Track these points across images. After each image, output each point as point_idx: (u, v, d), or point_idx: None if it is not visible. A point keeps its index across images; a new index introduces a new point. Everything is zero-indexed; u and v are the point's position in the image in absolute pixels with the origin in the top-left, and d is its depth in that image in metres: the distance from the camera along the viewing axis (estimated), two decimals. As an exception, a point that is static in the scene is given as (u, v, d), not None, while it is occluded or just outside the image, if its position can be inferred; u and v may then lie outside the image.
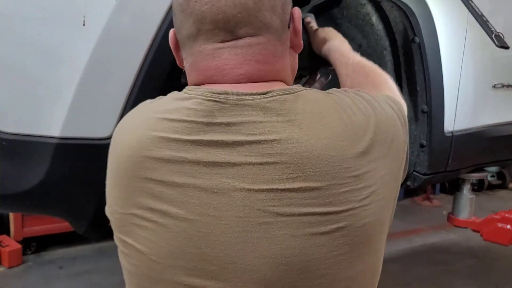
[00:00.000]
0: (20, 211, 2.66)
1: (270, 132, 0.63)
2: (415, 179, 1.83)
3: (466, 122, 1.86)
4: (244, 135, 0.63)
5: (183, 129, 0.64)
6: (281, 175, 0.61)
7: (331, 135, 0.64)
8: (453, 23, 1.75)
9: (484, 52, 1.88)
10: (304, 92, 0.67)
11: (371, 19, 1.70)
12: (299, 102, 0.66)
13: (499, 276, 3.50)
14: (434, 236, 4.36)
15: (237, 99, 0.64)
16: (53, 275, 3.31)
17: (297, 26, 0.74)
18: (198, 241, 0.62)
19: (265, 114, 0.64)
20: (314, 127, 0.64)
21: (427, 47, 1.65)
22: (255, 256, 0.61)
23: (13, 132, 1.08)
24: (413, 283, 3.34)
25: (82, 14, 1.04)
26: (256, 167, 0.62)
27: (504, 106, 2.05)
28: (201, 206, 0.62)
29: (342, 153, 0.63)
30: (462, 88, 1.80)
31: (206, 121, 0.64)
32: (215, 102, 0.64)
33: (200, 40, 0.68)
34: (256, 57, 0.68)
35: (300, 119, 0.64)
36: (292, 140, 0.62)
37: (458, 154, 1.86)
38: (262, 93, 0.65)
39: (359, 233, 0.64)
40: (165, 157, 0.64)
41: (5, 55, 1.07)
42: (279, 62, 0.71)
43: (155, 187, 0.64)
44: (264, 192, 0.61)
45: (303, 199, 0.61)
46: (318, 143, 0.63)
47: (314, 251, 0.62)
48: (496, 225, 2.39)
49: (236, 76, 0.67)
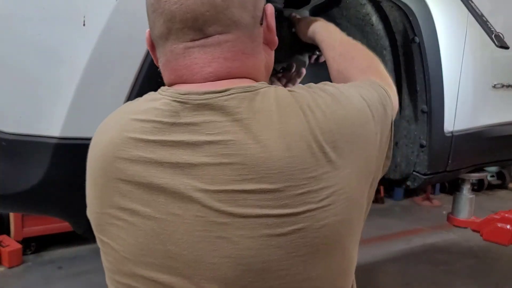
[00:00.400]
0: (20, 211, 2.66)
1: (227, 132, 0.63)
2: (415, 179, 1.83)
3: (466, 122, 1.86)
4: (204, 135, 0.63)
5: (151, 129, 0.65)
6: (236, 176, 0.62)
7: (288, 135, 0.63)
8: (453, 23, 1.75)
9: (484, 52, 1.88)
10: (265, 89, 0.67)
11: (371, 19, 1.70)
12: (258, 100, 0.65)
13: (499, 276, 3.50)
14: (434, 236, 4.36)
15: (198, 98, 0.65)
16: (53, 275, 3.31)
17: (270, 23, 0.73)
18: (164, 239, 0.63)
19: (223, 113, 0.64)
20: (271, 127, 0.63)
21: (427, 47, 1.65)
22: (215, 255, 0.62)
23: (13, 132, 1.08)
24: (413, 283, 3.34)
25: (82, 14, 1.04)
26: (212, 167, 0.62)
27: (504, 106, 2.05)
28: (166, 205, 0.64)
29: (298, 153, 0.62)
30: (462, 88, 1.80)
31: (171, 122, 0.65)
32: (180, 103, 0.65)
33: (171, 40, 0.68)
34: (224, 54, 0.67)
35: (257, 118, 0.63)
36: (247, 141, 0.62)
37: (458, 154, 1.86)
38: (221, 91, 0.65)
39: (318, 234, 0.63)
40: (133, 158, 0.65)
41: (5, 55, 1.07)
42: (250, 59, 0.70)
43: (124, 186, 0.66)
44: (220, 193, 0.62)
45: (258, 200, 0.61)
46: (274, 143, 0.62)
47: (271, 252, 0.62)
48: (496, 225, 2.39)
49: (205, 75, 0.68)
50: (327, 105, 0.67)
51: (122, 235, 0.67)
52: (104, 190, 0.68)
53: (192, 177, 0.63)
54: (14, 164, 1.10)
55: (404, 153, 1.83)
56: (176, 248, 0.63)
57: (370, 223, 4.99)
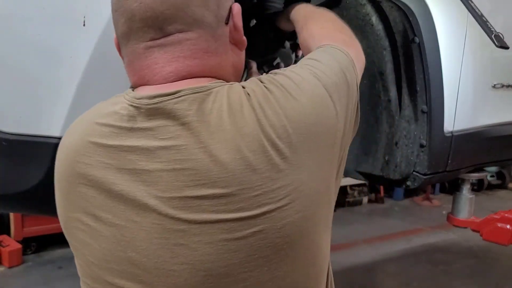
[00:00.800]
0: (20, 211, 2.66)
1: (179, 137, 0.62)
2: (415, 179, 1.83)
3: (466, 122, 1.86)
4: (158, 140, 0.62)
5: (109, 134, 0.65)
6: (189, 182, 0.60)
7: (239, 136, 0.61)
8: (453, 23, 1.75)
9: (484, 52, 1.88)
10: (218, 89, 0.65)
11: (371, 19, 1.70)
12: (209, 101, 0.63)
13: (499, 276, 3.50)
14: (434, 236, 4.36)
15: (149, 103, 0.64)
16: (53, 275, 3.31)
17: (237, 22, 0.71)
18: (125, 245, 0.63)
19: (173, 117, 0.62)
20: (222, 128, 0.61)
21: (427, 47, 1.65)
22: (175, 262, 0.62)
23: (13, 132, 1.08)
24: (413, 283, 3.34)
25: (82, 14, 1.04)
26: (166, 173, 0.61)
27: (503, 106, 2.05)
28: (126, 212, 0.63)
29: (250, 154, 0.60)
30: (462, 88, 1.80)
31: (129, 126, 0.64)
32: (135, 108, 0.65)
33: (132, 40, 0.68)
34: (184, 53, 0.66)
35: (207, 121, 0.62)
36: (198, 145, 0.61)
37: (458, 154, 1.86)
38: (171, 93, 0.64)
39: (281, 233, 0.61)
40: (94, 163, 0.65)
41: (5, 55, 1.07)
42: (213, 58, 0.68)
43: (88, 191, 0.65)
44: (174, 199, 0.61)
45: (213, 206, 0.60)
46: (224, 146, 0.60)
47: (231, 257, 0.61)
48: (495, 225, 2.39)
49: (165, 75, 0.67)
50: (278, 100, 0.64)
51: (87, 240, 0.66)
52: (69, 193, 0.68)
53: (148, 184, 0.62)
54: (14, 164, 1.10)
55: (404, 153, 1.83)
56: (137, 255, 0.63)
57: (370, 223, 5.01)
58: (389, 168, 1.89)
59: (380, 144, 1.90)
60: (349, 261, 3.69)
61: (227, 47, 0.71)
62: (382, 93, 1.83)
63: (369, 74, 1.85)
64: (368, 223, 4.82)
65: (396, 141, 1.85)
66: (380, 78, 1.81)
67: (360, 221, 4.88)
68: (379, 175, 1.92)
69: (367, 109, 1.91)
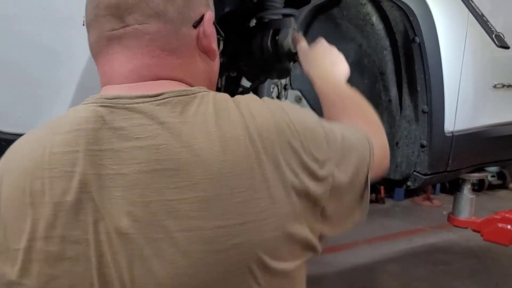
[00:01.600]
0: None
1: (158, 136, 0.58)
2: (416, 179, 1.83)
3: (467, 122, 1.86)
4: (133, 140, 0.58)
5: (74, 139, 0.59)
6: (169, 184, 0.56)
7: (224, 139, 0.58)
8: (454, 23, 1.75)
9: (484, 52, 1.88)
10: (204, 93, 0.62)
11: (371, 19, 1.70)
12: (194, 104, 0.61)
13: (499, 276, 3.50)
14: (434, 236, 4.36)
15: (128, 102, 0.60)
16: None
17: (206, 29, 0.68)
18: (96, 261, 0.57)
19: (152, 116, 0.59)
20: (206, 130, 0.58)
21: (428, 47, 1.65)
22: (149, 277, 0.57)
23: (13, 132, 1.08)
24: (413, 283, 3.34)
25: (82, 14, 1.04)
26: (144, 175, 0.57)
27: (504, 106, 2.05)
28: (94, 224, 0.57)
29: (234, 158, 0.57)
30: (463, 88, 1.80)
31: (96, 127, 0.59)
32: (106, 107, 0.61)
33: (97, 29, 0.65)
34: (142, 49, 0.63)
35: (191, 122, 0.59)
36: (180, 144, 0.57)
37: (458, 154, 1.86)
38: (155, 95, 0.61)
39: (260, 248, 0.58)
40: (56, 175, 0.58)
41: (5, 55, 1.07)
42: (173, 58, 0.65)
43: (45, 211, 0.58)
44: (152, 204, 0.56)
45: (192, 211, 0.56)
46: (208, 147, 0.57)
47: (209, 270, 0.56)
48: (496, 225, 2.39)
49: (126, 73, 0.64)
50: (272, 112, 0.62)
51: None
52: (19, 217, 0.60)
53: (122, 189, 0.57)
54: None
55: (405, 153, 1.83)
56: (110, 270, 0.57)
57: (370, 223, 5.01)
58: (389, 168, 1.89)
59: (381, 144, 1.90)
60: (350, 261, 3.69)
61: (193, 51, 0.68)
62: (383, 93, 1.83)
63: (370, 74, 1.85)
64: (368, 223, 4.80)
65: (397, 141, 1.85)
66: (380, 78, 1.81)
67: (360, 221, 4.87)
68: (380, 175, 1.92)
69: (367, 109, 1.91)
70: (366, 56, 1.82)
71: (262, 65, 1.47)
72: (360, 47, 1.81)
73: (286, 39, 1.38)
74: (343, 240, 4.17)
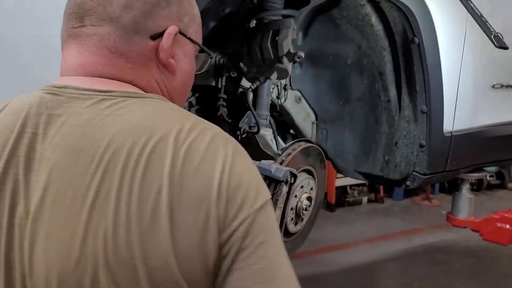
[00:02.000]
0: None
1: (88, 125, 0.60)
2: (415, 179, 1.83)
3: (465, 122, 1.86)
4: (66, 127, 0.61)
5: (12, 121, 0.63)
6: (84, 171, 0.58)
7: (147, 128, 0.59)
8: (453, 23, 1.75)
9: (483, 52, 1.88)
10: (153, 100, 0.65)
11: (371, 19, 1.71)
12: (137, 106, 0.63)
13: (499, 276, 3.51)
14: (434, 236, 4.37)
15: (74, 92, 0.64)
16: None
17: (163, 44, 0.68)
18: (5, 246, 0.59)
19: (90, 109, 0.61)
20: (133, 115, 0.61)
21: (427, 48, 1.65)
22: (42, 261, 0.57)
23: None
24: (412, 282, 3.35)
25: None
26: (66, 161, 0.59)
27: (503, 106, 2.06)
28: (11, 207, 0.59)
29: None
30: (461, 88, 1.80)
31: (37, 112, 0.63)
32: (52, 95, 0.64)
33: (65, 24, 0.69)
34: (90, 48, 0.66)
35: (121, 114, 0.61)
36: (102, 136, 0.59)
37: (457, 154, 1.86)
38: (103, 90, 0.64)
39: None
40: None
41: (5, 55, 1.07)
42: (122, 61, 0.67)
43: None
44: (69, 189, 0.58)
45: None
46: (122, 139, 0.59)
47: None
48: (495, 225, 2.39)
49: (75, 66, 0.67)
50: (198, 160, 0.59)
51: None
52: None
53: (44, 173, 0.59)
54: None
55: (404, 153, 1.84)
56: (15, 255, 0.59)
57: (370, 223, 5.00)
58: (388, 168, 1.89)
59: (380, 144, 1.91)
60: (349, 261, 3.70)
61: (147, 60, 0.69)
62: (382, 94, 1.84)
63: (369, 75, 1.85)
64: (368, 223, 4.82)
65: (396, 141, 1.85)
66: (380, 79, 1.82)
67: (360, 221, 4.88)
68: (379, 175, 1.93)
69: (367, 109, 1.92)
70: (365, 57, 1.82)
71: (262, 65, 1.47)
72: (359, 47, 1.82)
73: (286, 40, 1.38)
74: (343, 240, 4.18)
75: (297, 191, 1.46)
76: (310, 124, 2.05)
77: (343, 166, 2.05)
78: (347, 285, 3.34)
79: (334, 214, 5.03)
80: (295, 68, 1.95)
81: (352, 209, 5.29)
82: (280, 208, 1.39)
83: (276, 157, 1.50)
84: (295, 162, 1.46)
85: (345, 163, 2.04)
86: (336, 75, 1.94)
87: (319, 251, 3.83)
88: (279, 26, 1.40)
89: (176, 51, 0.71)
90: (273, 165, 1.38)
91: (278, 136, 1.62)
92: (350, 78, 1.92)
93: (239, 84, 1.67)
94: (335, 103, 1.99)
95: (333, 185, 5.00)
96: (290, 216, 1.47)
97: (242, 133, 1.53)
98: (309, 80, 1.99)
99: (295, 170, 1.40)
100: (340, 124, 2.01)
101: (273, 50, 1.40)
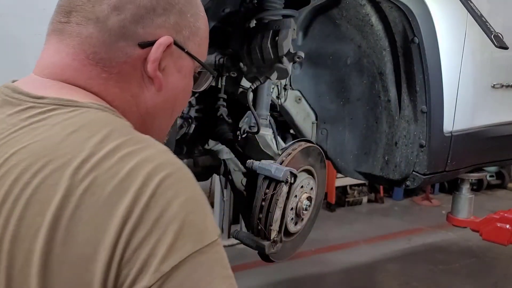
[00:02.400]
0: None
1: (22, 128, 0.55)
2: (415, 179, 1.83)
3: (465, 122, 1.86)
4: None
5: None
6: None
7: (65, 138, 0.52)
8: (453, 23, 1.75)
9: (483, 52, 1.88)
10: (88, 109, 0.57)
11: (371, 19, 1.71)
12: (59, 118, 0.55)
13: (499, 276, 3.51)
14: (434, 236, 4.37)
15: (10, 96, 0.60)
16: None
17: (152, 55, 0.62)
18: None
19: (13, 118, 0.57)
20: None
21: (427, 48, 1.65)
22: None
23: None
24: (412, 282, 3.35)
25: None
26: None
27: (503, 106, 2.06)
28: None
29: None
30: (461, 88, 1.80)
31: None
32: (4, 100, 0.60)
33: (53, 16, 0.65)
34: (69, 49, 0.61)
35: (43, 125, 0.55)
36: (11, 150, 0.53)
37: (457, 154, 1.86)
38: (36, 97, 0.58)
39: None
40: None
41: (5, 55, 1.07)
42: (97, 69, 0.61)
43: None
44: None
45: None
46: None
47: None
48: (495, 225, 2.39)
49: (44, 65, 0.63)
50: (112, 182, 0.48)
51: None
52: None
53: None
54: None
55: (404, 153, 1.84)
56: None
57: (370, 223, 5.01)
58: (388, 168, 1.89)
59: (380, 144, 1.91)
60: (349, 261, 3.70)
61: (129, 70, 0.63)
62: (382, 93, 1.84)
63: (369, 75, 1.85)
64: (368, 222, 4.82)
65: (396, 141, 1.85)
66: (380, 79, 1.82)
67: (360, 220, 4.88)
68: (379, 175, 1.93)
69: (367, 109, 1.92)
70: (365, 57, 1.82)
71: (262, 65, 1.47)
72: (359, 47, 1.82)
73: (286, 40, 1.38)
74: (343, 240, 4.18)
75: (297, 191, 1.46)
76: (310, 124, 2.05)
77: (343, 166, 2.05)
78: (347, 285, 3.34)
79: (334, 214, 5.04)
80: (295, 68, 1.95)
81: (352, 209, 5.30)
82: (280, 208, 1.39)
83: (276, 157, 1.50)
84: (295, 162, 1.46)
85: (345, 163, 2.04)
86: (336, 75, 1.94)
87: (319, 251, 3.83)
88: (279, 26, 1.40)
89: (167, 64, 0.65)
90: (273, 165, 1.38)
91: (278, 136, 1.62)
92: (350, 78, 1.91)
93: (239, 84, 1.67)
94: (335, 103, 1.99)
95: (333, 185, 5.00)
96: (290, 216, 1.47)
97: (242, 133, 1.53)
98: (309, 80, 1.99)
99: (295, 170, 1.40)
100: (340, 124, 2.01)
101: (273, 50, 1.40)
